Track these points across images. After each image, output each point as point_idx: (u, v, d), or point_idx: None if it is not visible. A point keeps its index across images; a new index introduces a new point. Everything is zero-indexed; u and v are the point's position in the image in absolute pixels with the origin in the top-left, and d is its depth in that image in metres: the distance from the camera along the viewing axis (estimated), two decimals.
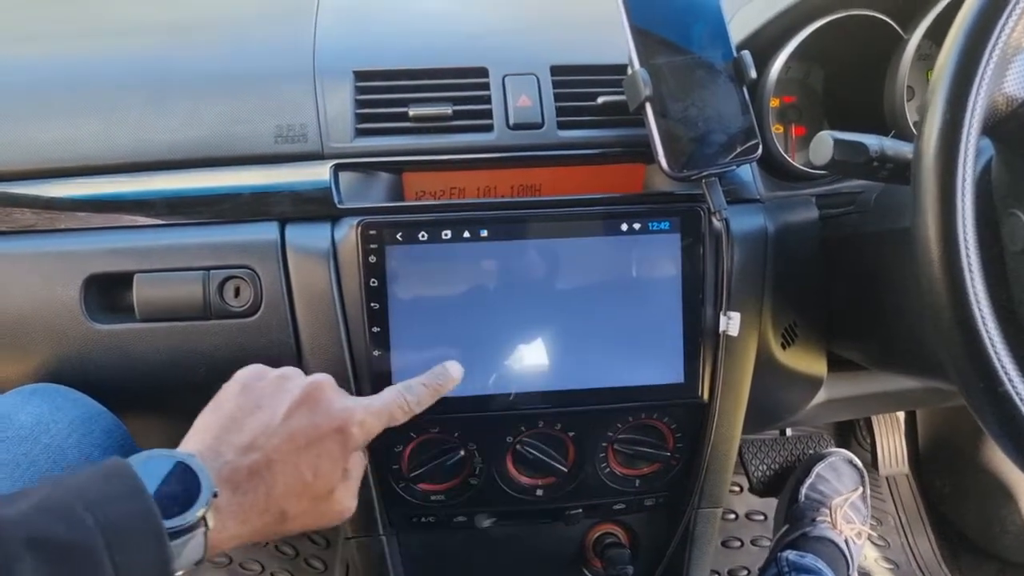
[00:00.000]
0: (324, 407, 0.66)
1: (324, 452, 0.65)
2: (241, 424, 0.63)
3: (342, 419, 0.66)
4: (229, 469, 0.60)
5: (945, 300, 0.53)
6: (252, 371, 0.68)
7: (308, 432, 0.64)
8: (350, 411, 0.67)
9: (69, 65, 0.88)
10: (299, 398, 0.65)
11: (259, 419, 0.63)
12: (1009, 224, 0.61)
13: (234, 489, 0.59)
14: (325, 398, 0.67)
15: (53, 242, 0.82)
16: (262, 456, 0.61)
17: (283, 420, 0.64)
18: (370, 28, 0.94)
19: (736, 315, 0.81)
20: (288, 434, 0.63)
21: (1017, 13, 0.53)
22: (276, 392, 0.66)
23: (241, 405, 0.64)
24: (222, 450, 0.61)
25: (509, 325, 0.81)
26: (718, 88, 0.80)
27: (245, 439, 0.62)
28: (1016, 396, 0.53)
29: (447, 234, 0.79)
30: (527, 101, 0.85)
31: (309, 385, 0.67)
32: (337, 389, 0.69)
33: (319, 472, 0.64)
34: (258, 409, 0.64)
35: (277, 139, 0.82)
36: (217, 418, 0.63)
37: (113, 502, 0.50)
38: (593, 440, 0.88)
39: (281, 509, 0.62)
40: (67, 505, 0.49)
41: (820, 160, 0.66)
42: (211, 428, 0.62)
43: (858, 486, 1.40)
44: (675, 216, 0.82)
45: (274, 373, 0.68)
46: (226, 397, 0.66)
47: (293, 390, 0.66)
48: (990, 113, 0.55)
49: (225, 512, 0.58)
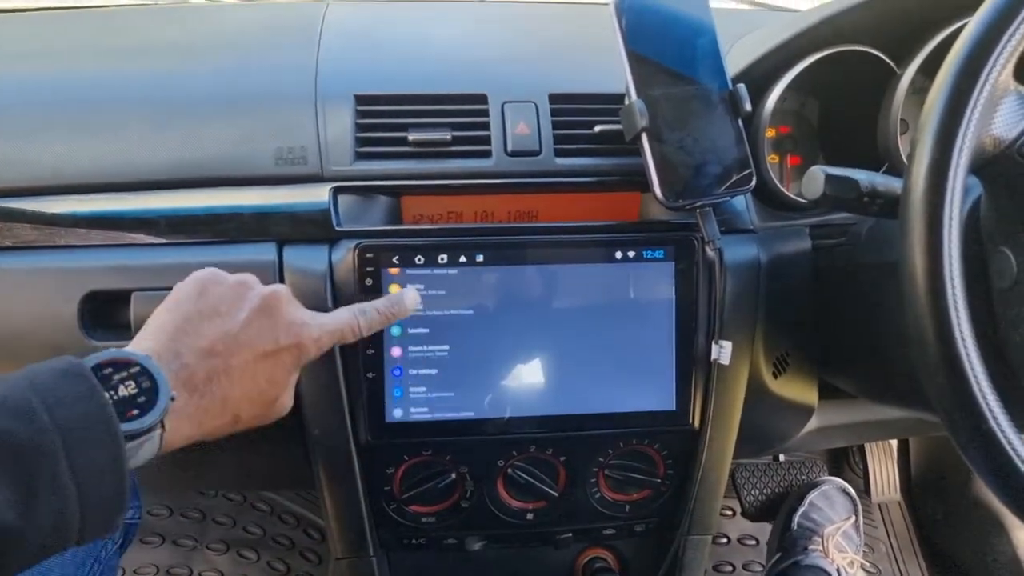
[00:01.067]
0: (284, 319, 0.66)
1: (279, 364, 0.66)
2: (199, 327, 0.62)
3: (301, 334, 0.67)
4: (187, 373, 0.60)
5: (931, 336, 0.54)
6: (210, 274, 0.68)
7: (268, 343, 0.65)
8: (307, 327, 0.67)
9: (73, 84, 0.89)
10: (258, 307, 0.66)
11: (218, 324, 0.63)
12: (996, 261, 0.62)
13: (191, 392, 0.59)
14: (284, 309, 0.67)
15: (53, 258, 0.82)
16: (221, 362, 0.62)
17: (243, 327, 0.64)
18: (372, 53, 0.95)
19: (728, 344, 0.82)
20: (248, 342, 0.63)
21: (1005, 56, 0.54)
22: (235, 298, 0.66)
23: (200, 308, 0.64)
24: (180, 351, 0.60)
25: (503, 350, 0.82)
26: (713, 119, 0.81)
27: (204, 343, 0.62)
28: (1000, 433, 0.53)
29: (444, 258, 0.80)
30: (525, 128, 0.86)
31: (269, 295, 0.67)
32: (293, 300, 0.70)
33: (273, 381, 0.65)
34: (216, 314, 0.64)
35: (278, 161, 0.83)
36: (174, 318, 0.63)
37: (71, 403, 0.50)
38: (584, 465, 0.89)
39: (235, 413, 0.63)
40: (26, 403, 0.49)
41: (812, 194, 0.67)
42: (167, 328, 0.62)
43: (851, 515, 1.40)
44: (669, 245, 0.83)
45: (232, 278, 0.68)
46: (184, 297, 0.65)
47: (252, 298, 0.66)
48: (978, 153, 0.56)
49: (181, 415, 0.58)
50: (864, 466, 1.75)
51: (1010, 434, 0.54)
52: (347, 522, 0.90)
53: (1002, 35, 0.53)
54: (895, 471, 1.74)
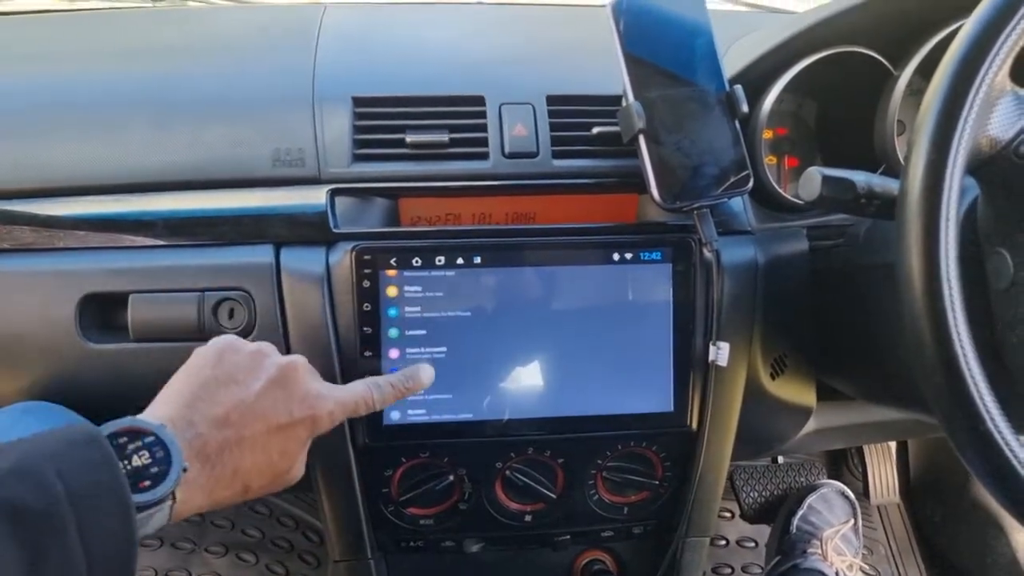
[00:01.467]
0: (299, 392, 0.66)
1: (292, 436, 0.66)
2: (215, 395, 0.62)
3: (315, 407, 0.67)
4: (200, 442, 0.60)
5: (928, 337, 0.54)
6: (228, 341, 0.68)
7: (282, 415, 0.65)
8: (322, 400, 0.67)
9: (72, 86, 0.89)
10: (275, 377, 0.66)
11: (234, 393, 0.63)
12: (993, 262, 0.62)
13: (203, 463, 0.59)
14: (300, 381, 0.67)
15: (51, 261, 0.82)
16: (234, 432, 0.62)
17: (257, 398, 0.64)
18: (369, 55, 0.95)
19: (725, 345, 0.82)
20: (262, 414, 0.63)
21: (1001, 57, 0.54)
22: (252, 367, 0.66)
23: (216, 376, 0.64)
24: (194, 420, 0.60)
25: (501, 351, 0.82)
26: (711, 121, 0.81)
27: (219, 412, 0.62)
28: (997, 435, 0.53)
29: (441, 260, 0.80)
30: (523, 130, 0.86)
31: (285, 365, 0.67)
32: (310, 371, 0.70)
33: (285, 453, 0.65)
34: (233, 383, 0.64)
35: (275, 163, 0.83)
36: (190, 385, 0.63)
37: (84, 472, 0.50)
38: (582, 467, 0.89)
39: (245, 484, 0.63)
40: (39, 471, 0.49)
41: (808, 196, 0.67)
42: (183, 395, 0.62)
43: (850, 518, 1.40)
44: (667, 246, 0.83)
45: (250, 347, 0.68)
46: (201, 364, 0.65)
47: (269, 368, 0.66)
48: (974, 154, 0.56)
49: (192, 485, 0.58)
50: (863, 468, 1.75)
51: (1008, 435, 0.54)
52: (345, 525, 0.90)
53: (998, 36, 0.53)
54: (894, 473, 1.74)
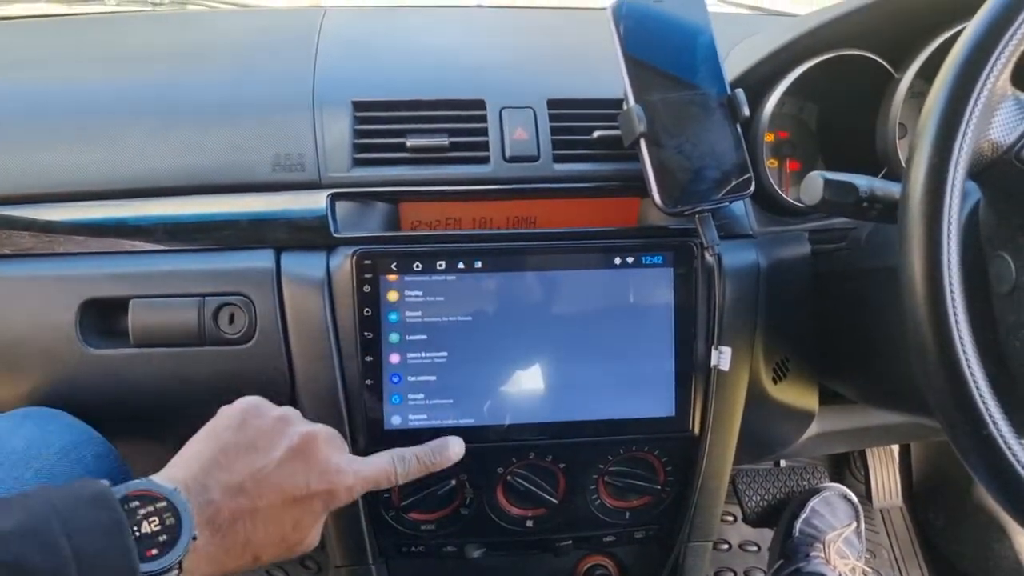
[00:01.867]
0: (320, 464, 0.65)
1: (308, 509, 0.64)
2: (233, 461, 0.62)
3: (334, 481, 0.65)
4: (213, 509, 0.59)
5: (930, 342, 0.54)
6: (253, 404, 0.67)
7: (299, 488, 0.63)
8: (342, 475, 0.66)
9: (72, 91, 0.89)
10: (296, 446, 0.64)
11: (252, 460, 0.62)
12: (996, 266, 0.62)
13: (214, 532, 0.58)
14: (321, 453, 0.66)
15: (51, 266, 0.82)
16: (248, 501, 0.61)
17: (276, 467, 0.63)
18: (369, 59, 0.95)
19: (727, 350, 0.81)
20: (279, 484, 0.62)
21: (1002, 62, 0.54)
22: (274, 434, 0.65)
23: (237, 440, 0.63)
24: (209, 485, 0.60)
25: (502, 356, 0.82)
26: (712, 125, 0.81)
27: (235, 479, 0.61)
28: (1000, 439, 0.53)
29: (442, 265, 0.80)
30: (523, 134, 0.86)
31: (307, 435, 0.66)
32: (332, 442, 0.68)
33: (299, 525, 0.64)
34: (253, 450, 0.63)
35: (275, 168, 0.83)
36: (209, 448, 0.62)
37: (93, 535, 0.50)
38: (584, 472, 0.89)
39: (256, 554, 0.62)
40: (46, 529, 0.48)
41: (811, 200, 0.67)
42: (201, 458, 0.61)
43: (852, 521, 1.39)
44: (668, 250, 0.83)
45: (274, 413, 0.67)
46: (223, 427, 0.65)
47: (292, 436, 0.65)
48: (976, 158, 0.56)
49: (201, 553, 0.57)
50: (865, 472, 1.75)
51: (1010, 439, 0.54)
52: (346, 530, 0.89)
53: (999, 41, 0.53)
54: (896, 477, 1.74)
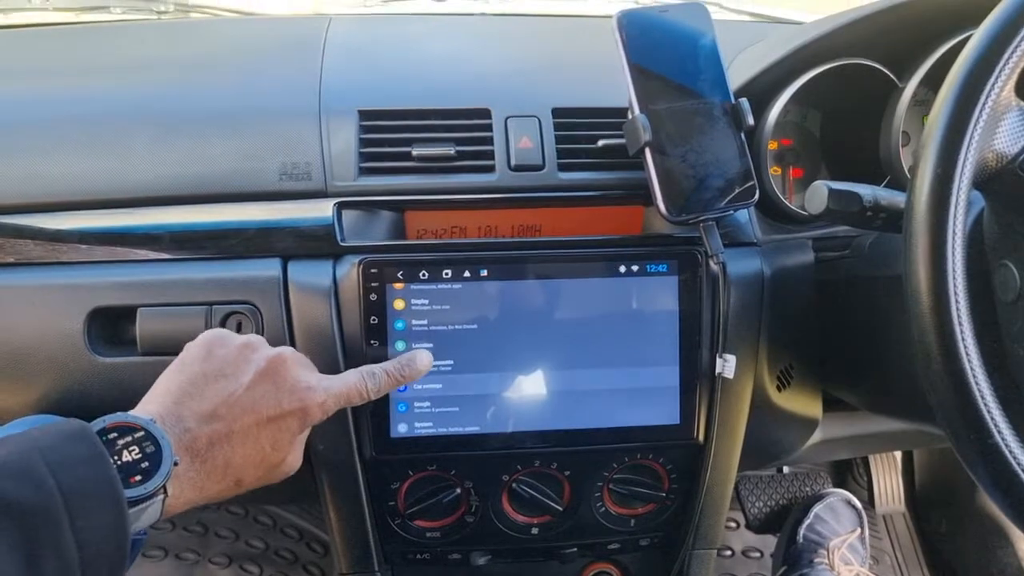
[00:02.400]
0: (289, 383, 0.66)
1: (284, 427, 0.65)
2: (203, 390, 0.63)
3: (305, 399, 0.66)
4: (190, 437, 0.60)
5: (935, 351, 0.54)
6: (216, 335, 0.68)
7: (271, 408, 0.64)
8: (313, 391, 0.67)
9: (79, 100, 0.90)
10: (264, 369, 0.66)
11: (222, 387, 0.63)
12: (1000, 275, 0.62)
13: (193, 457, 0.60)
14: (290, 373, 0.67)
15: (58, 275, 0.82)
16: (223, 426, 0.62)
17: (246, 391, 0.64)
18: (375, 68, 0.95)
19: (732, 358, 0.82)
20: (251, 406, 0.63)
21: (1007, 73, 0.54)
22: (240, 361, 0.66)
23: (205, 370, 0.64)
24: (183, 415, 0.61)
25: (507, 364, 0.82)
26: (716, 134, 0.81)
27: (207, 407, 0.62)
28: (1005, 448, 0.53)
29: (448, 273, 0.80)
30: (528, 143, 0.86)
31: (274, 357, 0.67)
32: (300, 362, 0.69)
33: (277, 445, 0.65)
34: (222, 376, 0.64)
35: (282, 176, 0.83)
36: (179, 381, 0.63)
37: (75, 466, 0.51)
38: (589, 480, 0.89)
39: (237, 477, 0.63)
40: (31, 467, 0.49)
41: (815, 209, 0.67)
42: (172, 391, 0.62)
43: (856, 527, 1.40)
44: (673, 259, 0.83)
45: (239, 340, 0.68)
46: (189, 360, 0.65)
47: (258, 360, 0.66)
48: (980, 168, 0.56)
49: (183, 479, 0.58)
50: (868, 478, 1.75)
51: (1015, 448, 0.54)
52: (352, 537, 0.89)
53: (1004, 51, 0.54)
54: (899, 483, 1.74)
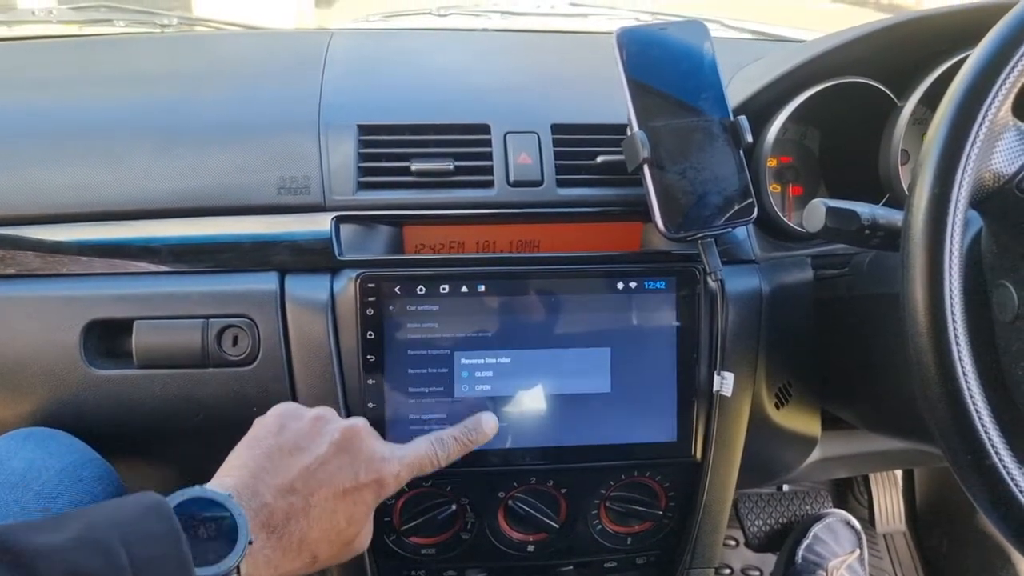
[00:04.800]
0: (364, 454, 0.66)
1: (360, 500, 0.65)
2: (279, 464, 0.62)
3: (381, 470, 0.66)
4: (267, 512, 0.59)
5: (933, 371, 0.54)
6: (289, 409, 0.68)
7: (348, 480, 0.64)
8: (387, 462, 0.67)
9: (78, 112, 0.90)
10: (339, 441, 0.65)
11: (298, 461, 0.63)
12: (998, 295, 0.62)
13: (269, 533, 0.59)
14: (364, 444, 0.67)
15: (56, 286, 0.82)
16: (300, 499, 0.61)
17: (323, 464, 0.64)
18: (375, 83, 0.95)
19: (730, 375, 0.81)
20: (328, 479, 0.63)
21: (1004, 92, 0.54)
22: (315, 433, 0.66)
23: (280, 444, 0.64)
24: (260, 490, 0.60)
25: (504, 380, 0.82)
26: (715, 151, 0.81)
27: (284, 480, 0.62)
28: (1002, 469, 0.53)
29: (445, 288, 0.80)
30: (527, 158, 0.86)
31: (347, 429, 0.67)
32: (372, 434, 0.70)
33: (353, 519, 0.65)
34: (297, 450, 0.64)
35: (280, 190, 0.83)
36: (254, 455, 0.63)
37: (149, 542, 0.51)
38: (585, 497, 0.88)
39: (313, 553, 0.62)
40: (105, 540, 0.49)
41: (813, 227, 0.67)
42: (248, 465, 0.62)
43: (855, 548, 1.39)
44: (671, 276, 0.83)
45: (311, 413, 0.68)
46: (264, 434, 0.65)
47: (332, 433, 0.66)
48: (977, 188, 0.56)
49: (258, 556, 0.58)
50: (869, 496, 1.73)
51: (1013, 469, 0.54)
52: None
53: (1001, 71, 0.54)
54: (900, 501, 1.73)
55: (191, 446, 0.68)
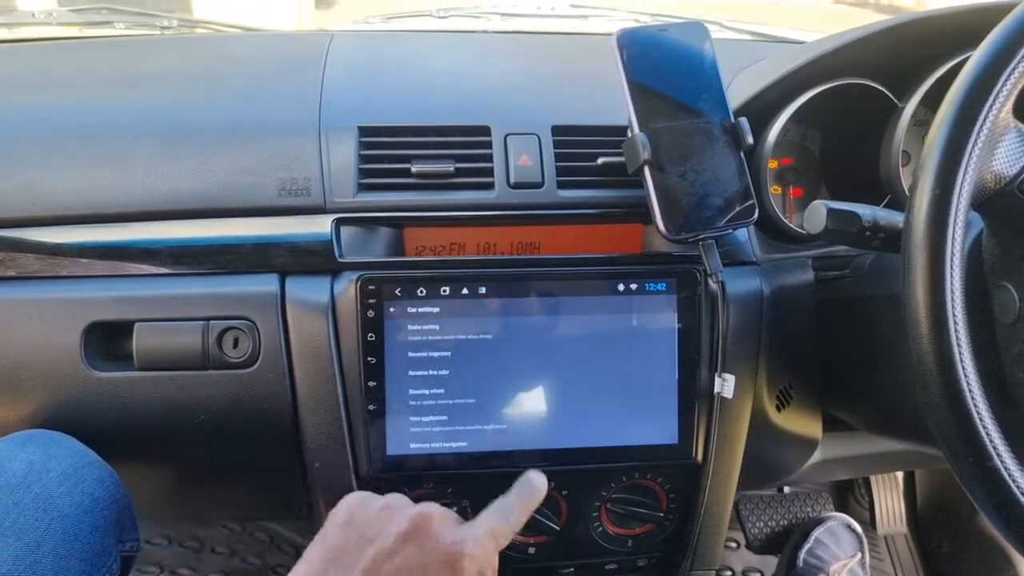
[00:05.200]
0: (434, 540, 0.63)
1: None
2: (348, 557, 0.61)
3: (452, 553, 0.62)
4: None
5: (934, 373, 0.54)
6: (357, 499, 0.66)
7: (413, 570, 0.61)
8: (460, 544, 0.63)
9: (79, 114, 0.90)
10: (408, 530, 0.62)
11: (367, 553, 0.61)
12: (999, 297, 0.62)
13: None
14: (434, 530, 0.63)
15: (56, 289, 0.82)
16: None
17: (389, 556, 0.61)
18: (375, 84, 0.95)
19: (731, 377, 0.81)
20: (396, 570, 0.61)
21: (1005, 94, 0.54)
22: (383, 523, 0.63)
23: (346, 536, 0.62)
24: None
25: (505, 382, 0.82)
26: (716, 152, 0.81)
27: (353, 574, 0.60)
28: (1004, 471, 0.53)
29: (446, 291, 0.80)
30: (528, 160, 0.86)
31: (417, 515, 0.64)
32: (446, 519, 0.66)
33: None
34: (365, 541, 0.62)
35: (281, 192, 0.83)
36: (322, 550, 0.61)
37: None
38: (586, 499, 0.88)
39: None
40: None
41: (814, 228, 0.67)
42: (315, 560, 0.61)
43: (857, 552, 1.38)
44: (672, 277, 0.83)
45: (380, 502, 0.65)
46: (332, 528, 0.63)
47: (401, 521, 0.63)
48: (979, 189, 0.56)
49: None
50: (870, 498, 1.73)
51: (1014, 471, 0.53)
52: None
53: (1002, 73, 0.54)
54: (901, 503, 1.73)
55: (192, 448, 0.67)
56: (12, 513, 0.67)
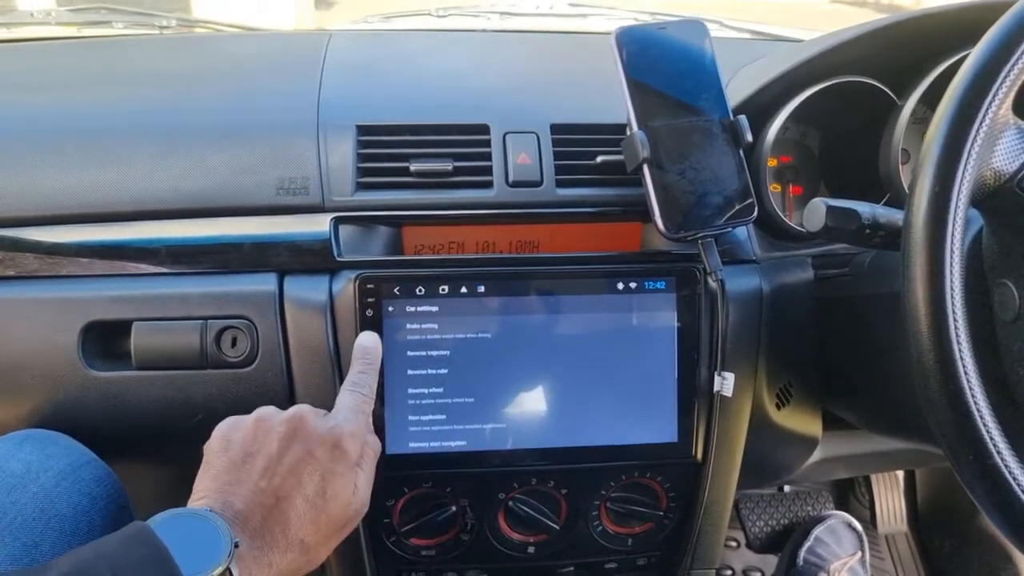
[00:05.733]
0: (312, 434, 0.67)
1: (327, 473, 0.66)
2: (238, 476, 0.64)
3: (333, 437, 0.67)
4: (242, 518, 0.61)
5: (934, 371, 0.54)
6: (229, 423, 0.69)
7: (305, 461, 0.65)
8: (337, 428, 0.68)
9: (79, 114, 0.90)
10: (286, 432, 0.66)
11: (257, 464, 0.64)
12: (999, 294, 0.62)
13: (251, 536, 0.60)
14: (310, 425, 0.67)
15: (54, 288, 0.82)
16: (269, 498, 0.63)
17: (278, 459, 0.65)
18: (374, 83, 0.95)
19: (730, 375, 0.81)
20: (287, 470, 0.64)
21: (1004, 91, 0.54)
22: (260, 436, 0.67)
23: (231, 459, 0.65)
24: (230, 501, 0.61)
25: (504, 381, 0.82)
26: (715, 151, 0.81)
27: (248, 487, 0.63)
28: (1005, 469, 0.53)
29: (444, 289, 0.80)
30: (527, 159, 0.86)
31: (290, 418, 0.68)
32: (316, 413, 0.70)
33: (329, 494, 0.65)
34: (249, 457, 0.65)
35: (279, 191, 0.83)
36: (212, 478, 0.64)
37: (138, 568, 0.52)
38: (586, 498, 0.88)
39: (300, 540, 0.63)
40: (96, 572, 0.51)
41: (813, 226, 0.67)
42: (210, 489, 0.63)
43: (857, 550, 1.38)
44: (671, 276, 0.83)
45: (250, 419, 0.69)
46: (213, 457, 0.66)
47: (277, 428, 0.67)
48: (978, 186, 0.56)
49: (247, 559, 0.59)
50: (870, 497, 1.73)
51: (1015, 469, 0.53)
52: (346, 554, 0.89)
53: (1001, 70, 0.53)
54: (902, 502, 1.72)
55: (190, 447, 0.67)
56: (10, 513, 0.67)
